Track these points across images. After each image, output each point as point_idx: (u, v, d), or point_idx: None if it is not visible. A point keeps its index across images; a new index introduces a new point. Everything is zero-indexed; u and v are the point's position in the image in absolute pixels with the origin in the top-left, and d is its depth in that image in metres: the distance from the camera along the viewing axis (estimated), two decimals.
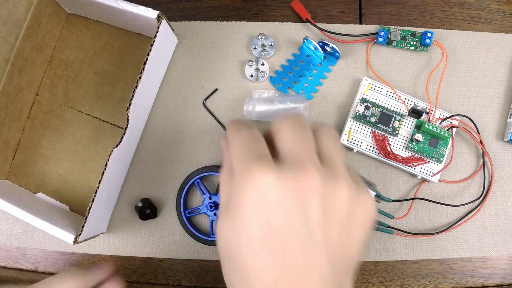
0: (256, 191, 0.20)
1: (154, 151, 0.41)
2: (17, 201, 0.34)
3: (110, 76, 0.42)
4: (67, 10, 0.42)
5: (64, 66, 0.42)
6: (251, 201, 0.21)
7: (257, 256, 0.21)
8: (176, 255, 0.40)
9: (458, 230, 0.39)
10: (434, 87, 0.40)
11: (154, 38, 0.34)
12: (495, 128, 0.40)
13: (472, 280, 0.39)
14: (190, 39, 0.42)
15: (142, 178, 0.41)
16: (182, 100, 0.41)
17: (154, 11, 0.33)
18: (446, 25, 0.42)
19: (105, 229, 0.40)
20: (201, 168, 0.39)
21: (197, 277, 0.40)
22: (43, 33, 0.40)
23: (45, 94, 0.42)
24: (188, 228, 0.39)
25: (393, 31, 0.40)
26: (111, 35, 0.42)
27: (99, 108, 0.41)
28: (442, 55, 0.40)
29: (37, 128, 0.42)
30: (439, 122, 0.39)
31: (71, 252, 0.40)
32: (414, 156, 0.38)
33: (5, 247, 0.41)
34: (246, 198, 0.21)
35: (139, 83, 0.33)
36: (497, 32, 0.41)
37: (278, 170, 0.21)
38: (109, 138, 0.41)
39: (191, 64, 0.41)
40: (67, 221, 0.36)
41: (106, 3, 0.34)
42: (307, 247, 0.21)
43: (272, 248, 0.20)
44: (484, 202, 0.39)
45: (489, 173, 0.39)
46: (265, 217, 0.20)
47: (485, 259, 0.39)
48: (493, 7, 0.42)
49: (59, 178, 0.41)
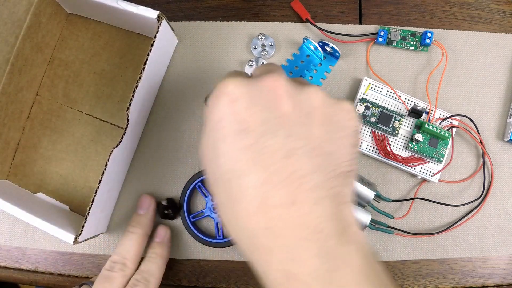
0: (226, 96, 0.21)
1: (154, 151, 0.41)
2: (17, 201, 0.34)
3: (110, 76, 0.42)
4: (67, 10, 0.42)
5: (64, 66, 0.42)
6: (222, 108, 0.21)
7: (239, 167, 0.20)
8: (176, 255, 0.40)
9: (458, 230, 0.39)
10: (434, 87, 0.40)
11: (154, 38, 0.34)
12: (495, 128, 0.40)
13: (472, 280, 0.39)
14: (190, 39, 0.42)
15: (142, 178, 0.41)
16: (182, 100, 0.41)
17: (154, 11, 0.33)
18: (446, 25, 0.42)
19: (105, 229, 0.40)
20: (200, 171, 0.39)
21: (197, 277, 0.40)
22: (43, 33, 0.40)
23: (45, 94, 0.42)
24: (195, 234, 0.39)
25: (393, 31, 0.40)
26: (111, 35, 0.42)
27: (99, 108, 0.41)
28: (442, 55, 0.40)
29: (37, 128, 0.42)
30: (439, 122, 0.39)
31: (71, 252, 0.40)
32: (414, 156, 0.38)
33: (5, 247, 0.41)
34: (218, 106, 0.21)
35: (139, 83, 0.33)
36: (497, 32, 0.41)
37: (248, 78, 0.21)
38: (109, 138, 0.41)
39: (191, 64, 0.42)
40: (67, 221, 0.36)
41: (106, 3, 0.34)
42: (289, 149, 0.20)
43: (252, 155, 0.20)
44: (484, 202, 0.39)
45: (489, 173, 0.39)
46: (238, 122, 0.20)
47: (485, 259, 0.39)
48: (493, 7, 0.42)
49: (59, 178, 0.41)
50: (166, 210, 0.38)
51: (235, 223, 0.21)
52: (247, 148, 0.20)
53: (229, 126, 0.20)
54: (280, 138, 0.20)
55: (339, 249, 0.20)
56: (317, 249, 0.20)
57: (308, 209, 0.20)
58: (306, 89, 0.22)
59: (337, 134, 0.22)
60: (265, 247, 0.20)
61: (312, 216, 0.20)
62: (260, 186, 0.20)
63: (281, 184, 0.20)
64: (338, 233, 0.20)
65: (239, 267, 0.40)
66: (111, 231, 0.40)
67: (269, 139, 0.20)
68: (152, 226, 0.38)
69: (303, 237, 0.20)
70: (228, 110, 0.21)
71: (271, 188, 0.20)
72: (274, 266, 0.20)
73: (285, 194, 0.20)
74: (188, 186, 0.39)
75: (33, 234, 0.41)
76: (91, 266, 0.40)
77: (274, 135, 0.20)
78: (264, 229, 0.20)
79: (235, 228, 0.22)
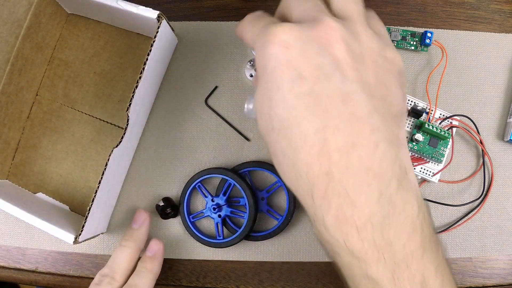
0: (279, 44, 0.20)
1: (154, 151, 0.41)
2: (17, 201, 0.35)
3: (110, 76, 0.42)
4: (67, 10, 0.42)
5: (64, 66, 0.42)
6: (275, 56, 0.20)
7: (297, 114, 0.20)
8: (176, 255, 0.40)
9: (458, 230, 0.39)
10: (434, 87, 0.40)
11: (154, 38, 0.34)
12: (495, 128, 0.40)
13: (472, 280, 0.39)
14: (190, 39, 0.42)
15: (142, 178, 0.41)
16: (182, 100, 0.41)
17: (154, 11, 0.33)
18: (446, 25, 0.42)
19: (105, 229, 0.40)
20: (200, 172, 0.39)
21: (197, 277, 0.40)
22: (43, 33, 0.40)
23: (45, 94, 0.42)
24: (195, 234, 0.39)
25: (393, 31, 0.40)
26: (111, 35, 0.42)
27: (99, 108, 0.41)
28: (442, 55, 0.40)
29: (37, 128, 0.42)
30: (439, 122, 0.39)
31: (71, 252, 0.40)
32: (414, 156, 0.38)
33: (5, 247, 0.41)
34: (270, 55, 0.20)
35: (139, 83, 0.33)
36: (497, 32, 0.41)
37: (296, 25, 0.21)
38: (109, 138, 0.41)
39: (191, 64, 0.42)
40: (67, 221, 0.36)
41: (106, 3, 0.34)
42: (345, 93, 0.20)
43: (309, 101, 0.20)
44: (484, 202, 0.39)
45: (489, 173, 0.39)
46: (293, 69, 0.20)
47: (485, 259, 0.39)
48: (493, 7, 0.42)
49: (59, 178, 0.41)
50: (166, 210, 0.38)
51: (295, 171, 0.21)
52: (304, 95, 0.20)
53: (284, 74, 0.20)
54: (336, 82, 0.20)
55: (399, 195, 0.20)
56: (378, 194, 0.20)
57: (370, 152, 0.20)
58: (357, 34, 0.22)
59: (387, 78, 0.22)
60: (325, 193, 0.20)
61: (373, 159, 0.20)
62: (320, 131, 0.20)
63: (341, 127, 0.20)
64: (399, 178, 0.20)
65: (239, 267, 0.40)
66: (111, 231, 0.40)
67: (325, 84, 0.20)
68: (145, 240, 0.37)
69: (365, 181, 0.20)
70: (282, 57, 0.20)
71: (331, 132, 0.20)
72: (332, 211, 0.20)
73: (345, 137, 0.20)
74: (188, 186, 0.39)
75: (33, 234, 0.41)
76: (91, 266, 0.40)
77: (329, 80, 0.20)
78: (325, 175, 0.20)
79: (295, 176, 0.21)
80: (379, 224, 0.20)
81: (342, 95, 0.20)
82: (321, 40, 0.20)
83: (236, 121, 0.41)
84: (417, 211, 0.21)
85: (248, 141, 0.40)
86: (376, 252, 0.20)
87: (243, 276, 0.40)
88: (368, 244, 0.20)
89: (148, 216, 0.38)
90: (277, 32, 0.20)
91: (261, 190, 0.40)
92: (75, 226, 0.35)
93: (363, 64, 0.21)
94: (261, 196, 0.39)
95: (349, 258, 0.21)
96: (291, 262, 0.39)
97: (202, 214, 0.39)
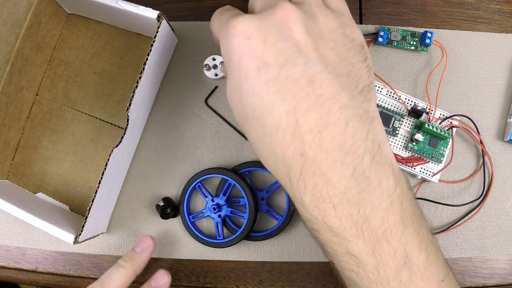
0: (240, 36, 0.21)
1: (154, 151, 0.41)
2: (17, 201, 0.35)
3: (110, 76, 0.42)
4: (67, 10, 0.42)
5: (64, 66, 0.42)
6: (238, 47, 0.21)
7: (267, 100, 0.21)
8: (176, 255, 0.40)
9: (458, 230, 0.39)
10: (434, 87, 0.40)
11: (154, 38, 0.34)
12: (495, 128, 0.40)
13: (472, 280, 0.39)
14: (190, 39, 0.42)
15: (142, 178, 0.41)
16: (182, 100, 0.41)
17: (154, 11, 0.33)
18: (446, 25, 0.42)
19: (105, 229, 0.40)
20: (200, 172, 0.39)
21: (197, 277, 0.40)
22: (43, 33, 0.40)
23: (45, 94, 0.42)
24: (195, 234, 0.39)
25: (393, 31, 0.40)
26: (111, 35, 0.42)
27: (99, 108, 0.41)
28: (442, 55, 0.40)
29: (37, 128, 0.42)
30: (439, 122, 0.39)
31: (71, 252, 0.40)
32: (414, 156, 0.38)
33: (5, 247, 0.41)
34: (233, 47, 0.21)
35: (139, 83, 0.33)
36: (497, 32, 0.41)
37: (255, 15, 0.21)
38: (109, 138, 0.41)
39: (191, 64, 0.41)
40: (67, 221, 0.36)
41: (106, 3, 0.34)
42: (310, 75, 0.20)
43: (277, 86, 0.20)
44: (484, 202, 0.39)
45: (489, 173, 0.39)
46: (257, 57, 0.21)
47: (485, 259, 0.39)
48: (493, 7, 0.42)
49: (59, 178, 0.41)
50: (166, 210, 0.38)
51: (273, 156, 0.22)
52: (271, 81, 0.20)
53: (249, 64, 0.21)
54: (300, 65, 0.20)
55: (373, 170, 0.21)
56: (352, 169, 0.20)
57: (341, 129, 0.20)
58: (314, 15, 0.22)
59: (348, 54, 0.22)
60: (301, 173, 0.21)
61: (345, 137, 0.20)
62: (291, 114, 0.20)
63: (311, 109, 0.20)
64: (373, 152, 0.21)
65: (239, 267, 0.40)
66: (111, 231, 0.40)
67: (290, 68, 0.20)
68: (143, 266, 0.36)
69: (338, 158, 0.20)
70: (245, 48, 0.21)
71: (302, 114, 0.20)
72: (309, 190, 0.21)
73: (316, 118, 0.20)
74: (188, 186, 0.39)
75: (33, 234, 0.41)
76: (91, 266, 0.40)
77: (293, 63, 0.20)
78: (300, 156, 0.20)
79: (273, 161, 0.22)
80: (355, 200, 0.20)
81: (307, 77, 0.20)
82: (280, 25, 0.21)
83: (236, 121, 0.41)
84: (393, 185, 0.21)
85: (248, 141, 0.40)
86: (355, 228, 0.21)
87: (243, 276, 0.40)
88: (346, 220, 0.21)
89: (153, 244, 0.37)
90: (237, 24, 0.21)
91: (261, 190, 0.40)
92: (75, 226, 0.35)
93: (323, 44, 0.21)
94: (261, 196, 0.39)
95: (329, 236, 0.22)
96: (291, 262, 0.39)
97: (202, 214, 0.39)
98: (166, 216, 0.39)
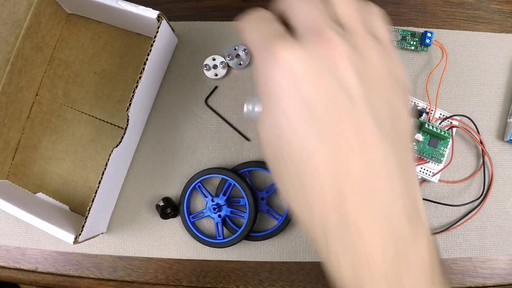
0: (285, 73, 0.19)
1: (154, 151, 0.41)
2: (17, 201, 0.35)
3: (110, 76, 0.42)
4: (67, 10, 0.42)
5: (64, 66, 0.42)
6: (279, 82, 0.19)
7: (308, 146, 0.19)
8: (176, 255, 0.40)
9: (458, 230, 0.39)
10: (434, 87, 0.40)
11: (154, 38, 0.34)
12: (495, 128, 0.40)
13: (472, 280, 0.39)
14: (190, 39, 0.42)
15: (142, 178, 0.41)
16: (182, 100, 0.41)
17: (154, 11, 0.33)
18: (446, 25, 0.42)
19: (105, 229, 0.40)
20: (200, 172, 0.39)
21: (197, 277, 0.40)
22: (43, 33, 0.40)
23: (45, 94, 0.42)
24: (195, 234, 0.39)
25: (393, 31, 0.40)
26: (111, 35, 0.42)
27: (99, 108, 0.41)
28: (442, 55, 0.40)
29: (37, 128, 0.42)
30: (439, 122, 0.39)
31: (71, 252, 0.40)
32: (414, 156, 0.38)
33: (5, 247, 0.41)
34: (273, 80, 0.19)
35: (139, 83, 0.33)
36: (497, 32, 0.41)
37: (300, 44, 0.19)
38: (109, 138, 0.41)
39: (191, 64, 0.41)
40: (67, 221, 0.36)
41: (106, 3, 0.34)
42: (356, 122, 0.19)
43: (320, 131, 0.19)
44: (484, 202, 0.39)
45: (489, 173, 0.39)
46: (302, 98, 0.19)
47: (485, 259, 0.39)
48: (493, 7, 0.42)
49: (59, 178, 0.41)
50: (166, 210, 0.38)
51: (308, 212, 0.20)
52: (314, 125, 0.19)
53: (291, 102, 0.19)
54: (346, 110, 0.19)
55: (412, 245, 0.19)
56: (394, 249, 0.19)
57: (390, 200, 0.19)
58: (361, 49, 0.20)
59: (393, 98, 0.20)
60: (339, 241, 0.19)
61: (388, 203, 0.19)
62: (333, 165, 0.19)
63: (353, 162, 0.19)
64: (413, 224, 0.19)
65: (239, 267, 0.40)
66: (111, 231, 0.40)
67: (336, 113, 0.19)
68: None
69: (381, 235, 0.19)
70: (287, 84, 0.19)
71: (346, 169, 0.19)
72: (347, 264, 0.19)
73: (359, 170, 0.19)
74: (188, 186, 0.39)
75: (33, 234, 0.41)
76: (91, 266, 0.40)
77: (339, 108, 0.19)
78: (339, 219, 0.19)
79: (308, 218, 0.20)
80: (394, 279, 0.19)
81: (353, 125, 0.19)
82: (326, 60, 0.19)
83: (236, 121, 0.41)
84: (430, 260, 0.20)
85: (248, 141, 0.40)
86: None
87: (243, 276, 0.40)
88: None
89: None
90: (281, 52, 0.19)
91: (261, 190, 0.40)
92: (75, 226, 0.35)
93: (370, 87, 0.20)
94: (261, 196, 0.39)
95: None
96: (291, 262, 0.39)
97: (202, 214, 0.39)
98: (166, 216, 0.39)
